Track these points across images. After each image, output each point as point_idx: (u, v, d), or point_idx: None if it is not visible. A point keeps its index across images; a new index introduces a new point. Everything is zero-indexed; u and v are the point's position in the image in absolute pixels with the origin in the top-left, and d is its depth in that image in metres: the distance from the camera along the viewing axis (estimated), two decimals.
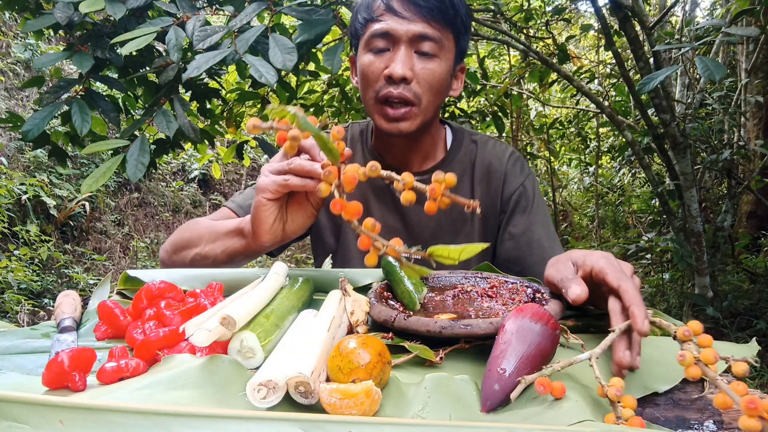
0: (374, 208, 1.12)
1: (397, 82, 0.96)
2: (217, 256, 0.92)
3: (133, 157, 1.38)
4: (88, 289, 4.35)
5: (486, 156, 1.13)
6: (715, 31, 2.51)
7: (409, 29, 0.96)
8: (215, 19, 2.18)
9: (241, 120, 2.79)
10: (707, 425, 0.51)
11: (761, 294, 3.30)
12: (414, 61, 0.97)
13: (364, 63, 1.00)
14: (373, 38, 0.98)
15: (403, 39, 0.96)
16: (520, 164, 1.13)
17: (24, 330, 0.70)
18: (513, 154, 1.14)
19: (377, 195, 1.12)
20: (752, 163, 3.73)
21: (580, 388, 0.52)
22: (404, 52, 0.96)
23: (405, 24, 0.96)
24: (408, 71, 0.95)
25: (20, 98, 5.29)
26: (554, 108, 5.62)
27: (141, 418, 0.43)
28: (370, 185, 1.11)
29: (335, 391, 0.46)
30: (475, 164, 1.12)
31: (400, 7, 0.96)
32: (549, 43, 3.48)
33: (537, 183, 1.15)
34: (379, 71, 0.98)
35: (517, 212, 1.10)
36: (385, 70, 0.97)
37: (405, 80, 0.96)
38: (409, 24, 0.95)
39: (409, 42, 0.96)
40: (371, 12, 0.99)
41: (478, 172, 1.12)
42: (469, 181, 1.12)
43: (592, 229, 5.62)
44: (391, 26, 0.96)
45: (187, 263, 0.95)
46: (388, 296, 0.75)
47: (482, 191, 1.12)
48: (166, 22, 1.40)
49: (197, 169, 6.46)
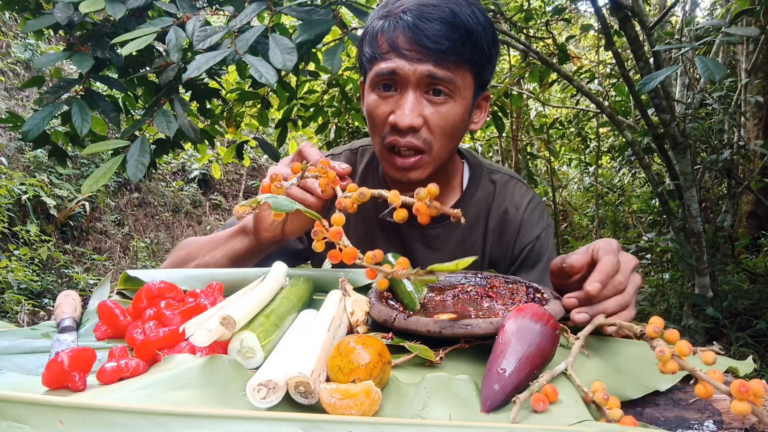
0: (381, 245, 1.06)
1: (403, 131, 0.87)
2: (218, 261, 0.91)
3: (133, 158, 1.39)
4: (88, 289, 4.35)
5: (503, 202, 1.06)
6: (715, 31, 2.51)
7: (416, 69, 0.85)
8: (215, 20, 2.18)
9: (241, 120, 2.79)
10: (707, 425, 0.51)
11: (761, 294, 3.29)
12: (423, 106, 0.87)
13: (369, 104, 0.91)
14: (378, 78, 0.88)
15: (410, 81, 0.86)
16: (538, 213, 1.06)
17: (24, 330, 0.70)
18: (532, 201, 1.07)
19: (384, 232, 1.07)
20: (752, 163, 3.73)
21: (579, 389, 0.52)
22: (411, 98, 0.86)
23: (412, 65, 0.85)
24: (416, 119, 0.86)
25: (20, 98, 5.29)
26: (554, 108, 5.62)
27: (141, 418, 0.43)
28: (377, 223, 1.06)
29: (335, 391, 0.46)
30: (491, 210, 1.05)
31: (407, 46, 0.85)
32: (549, 43, 3.48)
33: (552, 231, 1.08)
34: (385, 116, 0.89)
35: (526, 266, 1.05)
36: (390, 116, 0.88)
37: (413, 129, 0.86)
38: (417, 65, 0.84)
39: (417, 84, 0.86)
40: (376, 48, 0.88)
41: (493, 220, 1.05)
42: (483, 228, 1.06)
43: (592, 229, 5.62)
44: (397, 67, 0.85)
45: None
46: (388, 296, 0.75)
47: (494, 241, 1.06)
48: (166, 23, 1.40)
49: (197, 169, 6.46)
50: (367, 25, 0.94)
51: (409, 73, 0.85)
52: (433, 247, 1.05)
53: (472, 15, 0.86)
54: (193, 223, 6.22)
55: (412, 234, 1.06)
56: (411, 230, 1.05)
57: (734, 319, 3.04)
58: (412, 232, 1.06)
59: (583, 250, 0.70)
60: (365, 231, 1.07)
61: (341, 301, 0.71)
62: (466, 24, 0.85)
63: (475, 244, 1.06)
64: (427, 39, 0.83)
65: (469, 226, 1.05)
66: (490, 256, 1.06)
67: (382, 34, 0.88)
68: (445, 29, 0.84)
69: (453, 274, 0.84)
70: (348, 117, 3.03)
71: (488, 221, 1.06)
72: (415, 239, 1.06)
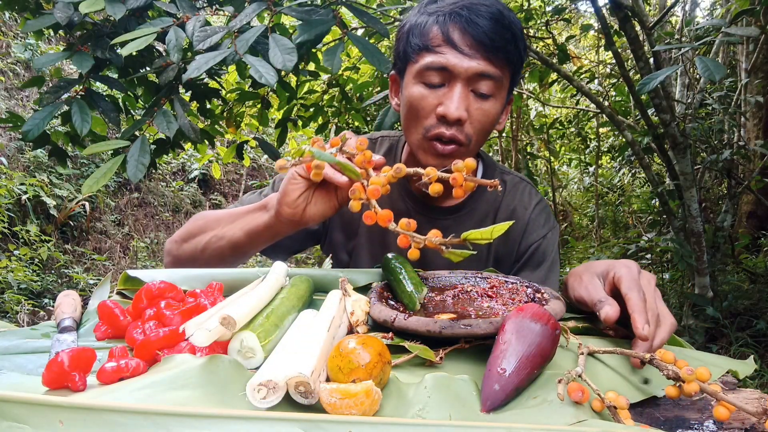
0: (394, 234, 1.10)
1: (450, 123, 0.89)
2: (235, 234, 0.90)
3: (133, 158, 1.39)
4: (88, 289, 4.35)
5: (512, 201, 1.09)
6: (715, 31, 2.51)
7: (470, 67, 0.87)
8: (215, 20, 2.18)
9: (241, 120, 2.79)
10: (707, 425, 0.51)
11: (761, 294, 3.30)
12: (470, 100, 0.90)
13: (414, 95, 0.92)
14: (428, 71, 0.90)
15: (461, 77, 0.88)
16: (545, 215, 1.09)
17: (24, 330, 0.70)
18: (540, 203, 1.10)
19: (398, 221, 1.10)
20: (752, 163, 3.73)
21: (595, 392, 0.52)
22: (461, 91, 0.88)
23: (465, 60, 0.87)
24: (464, 113, 0.88)
25: (20, 98, 5.29)
26: (554, 108, 5.62)
27: (141, 418, 0.43)
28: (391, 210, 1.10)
29: (335, 391, 0.46)
30: (500, 208, 1.08)
31: (462, 41, 0.87)
32: (549, 43, 3.48)
33: (558, 234, 1.11)
34: (431, 108, 0.91)
35: (530, 266, 1.07)
36: (438, 107, 0.90)
37: (460, 121, 0.89)
38: (470, 61, 0.87)
39: (467, 80, 0.88)
40: (427, 40, 0.90)
41: (501, 217, 1.08)
42: (491, 224, 1.07)
43: (592, 229, 5.62)
44: (450, 62, 0.87)
45: (200, 248, 0.93)
46: (388, 296, 0.75)
47: (501, 238, 1.06)
48: (166, 23, 1.40)
49: (197, 169, 6.46)
50: (411, 20, 0.95)
51: (462, 70, 0.87)
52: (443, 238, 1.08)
53: (514, 18, 0.91)
54: None
55: (424, 224, 1.07)
56: (423, 220, 1.08)
57: (734, 319, 3.04)
58: (424, 222, 1.08)
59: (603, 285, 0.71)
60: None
61: (341, 301, 0.71)
62: (512, 24, 0.89)
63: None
64: (484, 35, 0.86)
65: (478, 220, 1.08)
66: (496, 253, 1.09)
67: (435, 26, 0.89)
68: (497, 27, 0.87)
69: (453, 273, 0.84)
70: (348, 117, 3.03)
71: (497, 218, 1.08)
72: (426, 230, 1.07)
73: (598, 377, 0.57)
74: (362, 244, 1.11)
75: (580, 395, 0.48)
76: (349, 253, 1.14)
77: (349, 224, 1.12)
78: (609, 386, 0.55)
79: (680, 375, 0.49)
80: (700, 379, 0.48)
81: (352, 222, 1.11)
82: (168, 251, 1.00)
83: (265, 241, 0.91)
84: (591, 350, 0.59)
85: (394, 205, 1.09)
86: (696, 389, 0.48)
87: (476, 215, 1.08)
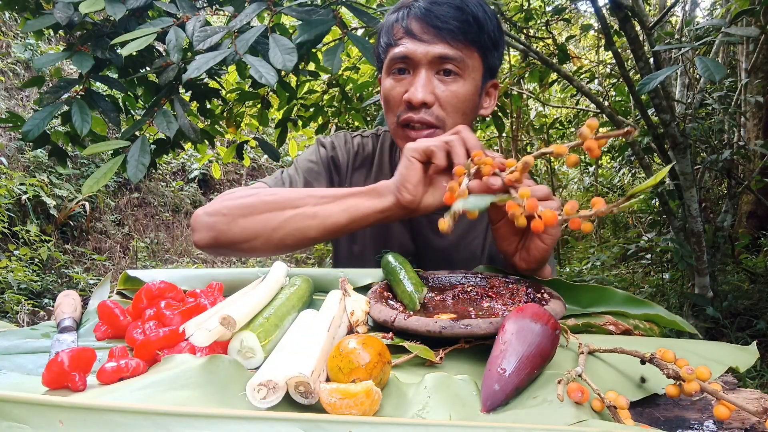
0: (394, 228, 1.11)
1: (417, 107, 0.93)
2: (334, 214, 0.87)
3: (133, 158, 1.39)
4: (88, 289, 4.35)
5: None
6: (715, 31, 2.51)
7: (428, 51, 0.92)
8: (215, 20, 2.18)
9: (241, 120, 2.79)
10: (707, 425, 0.51)
11: (761, 294, 3.30)
12: (435, 84, 0.93)
13: (385, 87, 0.98)
14: (393, 62, 0.96)
15: (422, 62, 0.93)
16: None
17: (24, 330, 0.70)
18: None
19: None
20: (752, 163, 3.73)
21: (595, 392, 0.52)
22: (424, 76, 0.93)
23: (424, 46, 0.92)
24: (428, 95, 0.92)
25: (20, 98, 5.30)
26: (554, 108, 5.62)
27: (141, 418, 0.43)
28: None
29: (335, 391, 0.46)
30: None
31: (419, 29, 0.93)
32: (549, 43, 3.49)
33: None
34: (400, 96, 0.95)
35: None
36: (404, 94, 0.94)
37: (426, 105, 0.93)
38: (428, 46, 0.92)
39: (429, 64, 0.93)
40: (390, 36, 0.96)
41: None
42: (486, 221, 1.10)
43: (592, 229, 5.61)
44: (410, 49, 0.93)
45: (273, 225, 0.88)
46: (388, 296, 0.75)
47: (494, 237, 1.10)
48: (166, 23, 1.40)
49: (197, 169, 6.46)
50: (383, 22, 1.01)
51: (422, 54, 0.92)
52: (438, 233, 1.08)
53: (478, 5, 0.94)
54: None
55: (421, 218, 1.09)
56: (418, 218, 1.09)
57: (734, 319, 3.04)
58: (422, 218, 1.09)
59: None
60: None
61: (341, 301, 0.71)
62: (473, 10, 0.93)
63: (479, 236, 1.11)
64: (437, 19, 0.91)
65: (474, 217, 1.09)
66: (490, 250, 1.11)
67: (396, 23, 0.96)
68: (454, 12, 0.92)
69: (453, 273, 0.84)
70: (348, 117, 3.03)
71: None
72: (422, 224, 1.10)
73: (598, 376, 0.57)
74: (366, 232, 1.12)
75: (579, 396, 0.48)
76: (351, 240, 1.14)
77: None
78: (609, 385, 0.55)
79: (680, 374, 0.49)
80: (700, 379, 0.48)
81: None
82: (210, 225, 0.90)
83: (367, 226, 0.90)
84: (591, 349, 0.59)
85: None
86: (696, 388, 0.48)
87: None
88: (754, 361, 0.62)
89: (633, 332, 0.73)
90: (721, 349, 0.64)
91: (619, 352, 0.57)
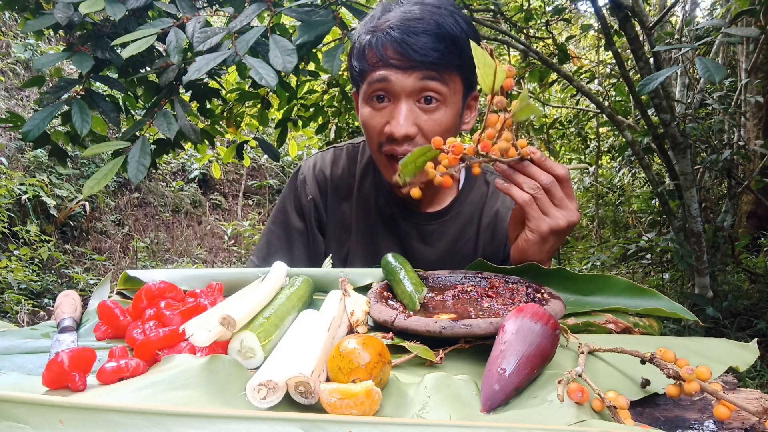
0: (381, 237, 1.10)
1: (400, 141, 0.90)
2: None
3: (134, 159, 1.38)
4: (88, 289, 4.35)
5: (495, 203, 1.09)
6: (715, 31, 2.51)
7: (408, 84, 0.88)
8: (215, 20, 2.18)
9: (241, 120, 2.79)
10: (707, 425, 0.51)
11: (761, 294, 3.30)
12: (416, 114, 0.90)
13: (364, 115, 0.95)
14: (371, 92, 0.91)
15: (402, 92, 0.88)
16: None
17: (24, 330, 0.70)
18: None
19: (384, 227, 1.10)
20: (752, 163, 3.73)
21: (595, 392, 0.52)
22: (405, 108, 0.89)
23: (403, 78, 0.87)
24: (410, 128, 0.89)
25: (20, 98, 5.30)
26: (554, 108, 5.62)
27: (141, 418, 0.43)
28: (379, 215, 1.09)
29: (335, 391, 0.46)
30: (484, 210, 1.09)
31: (396, 57, 0.87)
32: (549, 43, 3.48)
33: None
34: (380, 126, 0.92)
35: None
36: (386, 126, 0.91)
37: (408, 137, 0.89)
38: (408, 77, 0.87)
39: (409, 94, 0.89)
40: (364, 62, 0.91)
41: (485, 219, 1.08)
42: (476, 226, 1.09)
43: (592, 229, 5.62)
44: (389, 80, 0.88)
45: None
46: (388, 296, 0.75)
47: (486, 239, 1.08)
48: (167, 23, 1.40)
49: (197, 169, 6.45)
50: (354, 39, 0.97)
51: (401, 85, 0.88)
52: (428, 243, 1.08)
53: (455, 24, 0.89)
54: (193, 223, 6.21)
55: (409, 230, 1.09)
56: (408, 226, 1.09)
57: (734, 319, 3.04)
58: (409, 228, 1.09)
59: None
60: (366, 224, 1.10)
61: (341, 301, 0.71)
62: (451, 33, 0.88)
63: (469, 242, 1.09)
64: (415, 53, 0.86)
65: (463, 223, 1.09)
66: (483, 254, 1.09)
67: (370, 48, 0.90)
68: (431, 41, 0.86)
69: (453, 273, 0.84)
70: (348, 117, 3.04)
71: (481, 220, 1.09)
72: (411, 235, 1.09)
73: (598, 376, 0.57)
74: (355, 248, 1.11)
75: (579, 396, 0.48)
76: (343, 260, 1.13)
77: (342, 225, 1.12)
78: (610, 385, 0.55)
79: (681, 374, 0.49)
80: (700, 379, 0.48)
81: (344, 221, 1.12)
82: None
83: None
84: (591, 349, 0.59)
85: (381, 210, 1.09)
86: (696, 388, 0.48)
87: (460, 219, 1.08)
88: (754, 359, 0.62)
89: (633, 330, 0.72)
90: (721, 346, 0.64)
91: (619, 351, 0.57)
